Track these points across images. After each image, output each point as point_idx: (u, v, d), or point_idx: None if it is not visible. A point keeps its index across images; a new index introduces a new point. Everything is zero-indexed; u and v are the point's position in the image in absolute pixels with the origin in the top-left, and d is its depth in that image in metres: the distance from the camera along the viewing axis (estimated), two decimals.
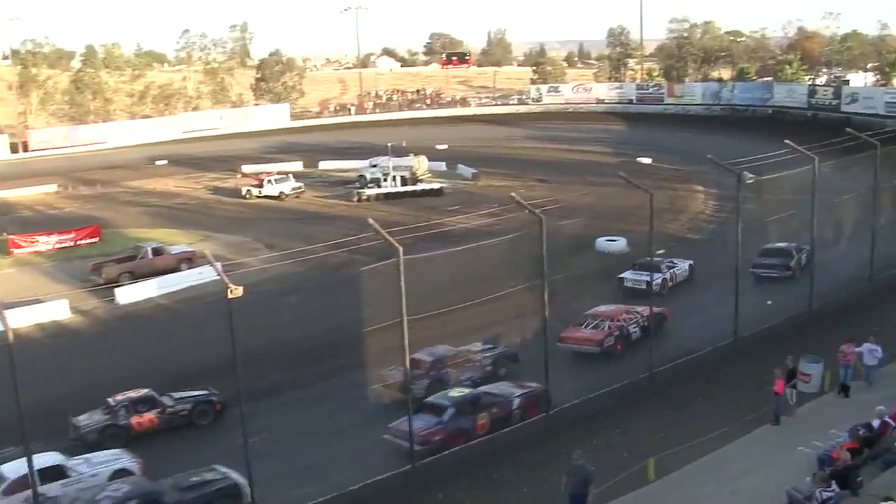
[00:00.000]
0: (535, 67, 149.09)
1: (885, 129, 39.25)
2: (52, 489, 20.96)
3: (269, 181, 67.61)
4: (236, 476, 20.70)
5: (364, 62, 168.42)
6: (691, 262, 38.63)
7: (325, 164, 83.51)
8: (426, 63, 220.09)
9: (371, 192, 65.06)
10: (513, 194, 25.80)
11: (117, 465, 22.74)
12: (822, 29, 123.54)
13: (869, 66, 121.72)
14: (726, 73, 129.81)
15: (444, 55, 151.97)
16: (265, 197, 66.55)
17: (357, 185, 68.04)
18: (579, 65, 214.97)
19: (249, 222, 58.30)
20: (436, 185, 66.41)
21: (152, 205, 67.53)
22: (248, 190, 68.02)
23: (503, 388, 25.66)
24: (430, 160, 72.31)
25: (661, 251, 37.15)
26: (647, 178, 50.41)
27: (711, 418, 23.25)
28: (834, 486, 16.63)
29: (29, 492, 19.18)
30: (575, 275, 35.68)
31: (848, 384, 24.12)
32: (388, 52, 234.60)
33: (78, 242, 52.55)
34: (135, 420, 25.90)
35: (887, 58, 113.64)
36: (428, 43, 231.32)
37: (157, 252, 45.86)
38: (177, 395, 27.13)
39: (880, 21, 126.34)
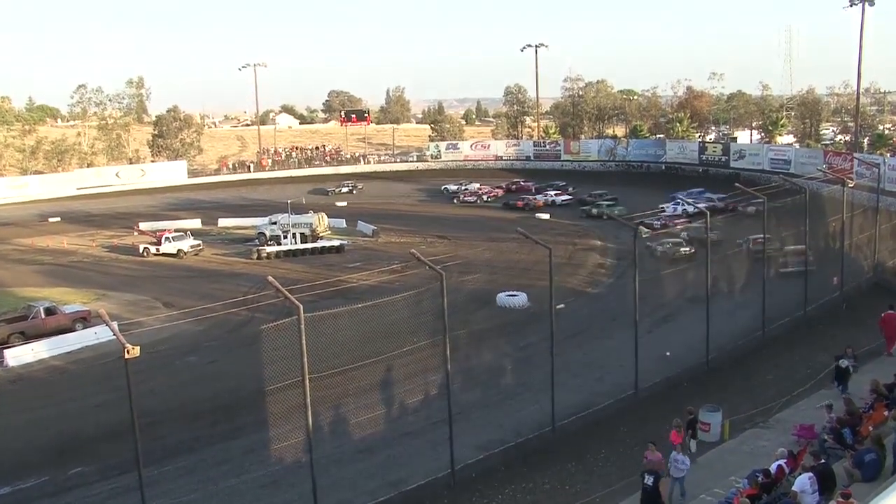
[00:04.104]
0: (433, 125, 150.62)
1: (771, 184, 40.63)
2: None
3: (167, 239, 66.52)
4: None
5: (263, 119, 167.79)
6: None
7: (224, 222, 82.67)
8: (325, 120, 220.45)
9: (271, 249, 64.55)
10: (413, 251, 25.76)
11: None
12: (708, 89, 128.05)
13: (754, 124, 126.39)
14: (620, 131, 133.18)
15: (342, 112, 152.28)
16: (163, 255, 65.38)
17: (257, 242, 67.51)
18: (477, 122, 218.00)
19: (147, 280, 57.05)
20: (336, 242, 66.14)
21: (45, 263, 65.63)
22: (146, 248, 66.75)
23: None
24: (329, 217, 72.09)
25: (561, 305, 37.52)
26: (545, 233, 51.56)
27: (613, 472, 23.41)
28: None
29: None
30: (477, 329, 35.84)
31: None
32: (286, 110, 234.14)
33: None
34: None
35: (770, 116, 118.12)
36: (327, 101, 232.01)
37: (50, 312, 44.29)
38: None
39: (761, 82, 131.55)
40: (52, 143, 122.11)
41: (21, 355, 39.92)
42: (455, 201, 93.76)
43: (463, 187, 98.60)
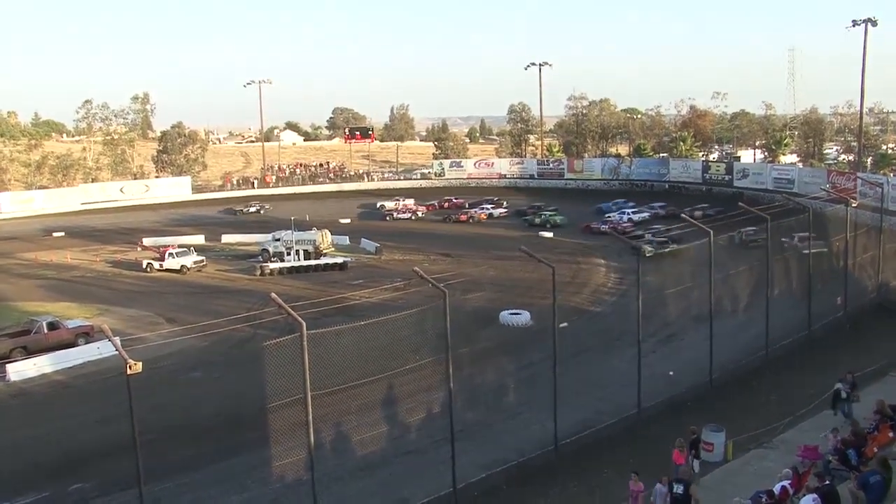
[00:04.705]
0: (437, 142, 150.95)
1: (775, 203, 40.64)
2: None
3: (171, 254, 66.59)
4: None
5: (267, 136, 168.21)
6: None
7: (227, 238, 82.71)
8: (329, 137, 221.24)
9: (274, 265, 64.56)
10: (416, 268, 25.71)
11: None
12: (712, 108, 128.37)
13: (758, 143, 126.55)
14: (623, 149, 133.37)
15: (347, 130, 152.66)
16: (166, 270, 65.42)
17: (260, 258, 67.50)
18: (481, 140, 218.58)
19: (150, 296, 57.03)
20: (339, 260, 66.10)
21: (48, 277, 65.68)
22: (149, 263, 66.80)
23: None
24: (333, 234, 72.11)
25: (565, 324, 37.43)
26: (549, 251, 51.40)
27: (616, 492, 23.25)
28: None
29: None
30: (479, 347, 35.75)
31: None
32: (291, 126, 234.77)
33: None
34: None
35: (774, 136, 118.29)
36: (331, 118, 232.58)
37: (53, 326, 44.22)
38: None
39: (765, 102, 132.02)
40: (58, 157, 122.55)
41: (23, 370, 39.83)
42: (388, 218, 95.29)
43: (399, 203, 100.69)
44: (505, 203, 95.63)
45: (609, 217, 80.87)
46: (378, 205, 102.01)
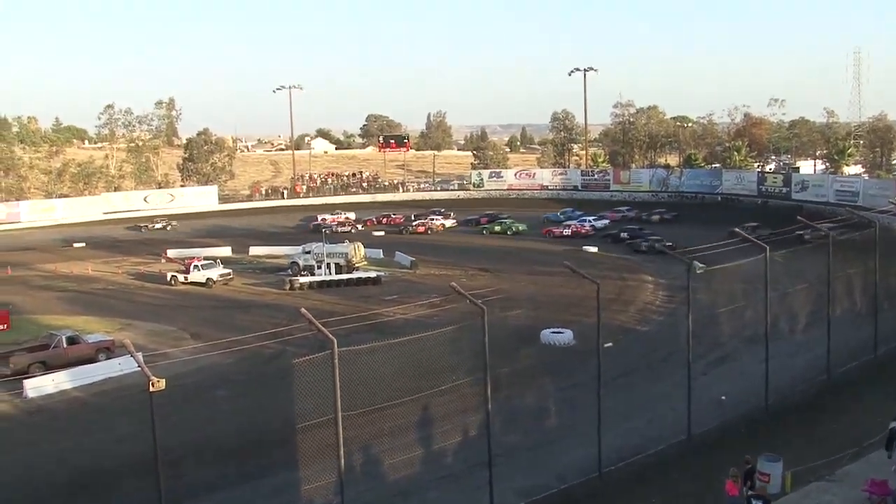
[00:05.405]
0: (476, 151, 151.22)
1: (836, 217, 40.14)
2: None
3: (196, 267, 67.13)
4: None
5: (298, 144, 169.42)
6: None
7: (255, 250, 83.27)
8: (363, 146, 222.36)
9: (304, 279, 64.87)
10: (453, 284, 25.66)
11: None
12: (768, 115, 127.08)
13: (818, 153, 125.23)
14: (673, 160, 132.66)
15: (381, 138, 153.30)
16: (191, 283, 65.97)
17: (289, 272, 67.81)
18: (522, 149, 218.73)
19: (174, 310, 57.52)
20: (372, 274, 66.34)
21: (68, 290, 66.47)
22: (174, 276, 67.38)
23: None
24: (366, 247, 72.34)
25: (609, 344, 37.20)
26: (593, 267, 51.26)
27: None
28: None
29: None
30: (519, 367, 35.61)
31: None
32: (322, 134, 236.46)
33: None
34: None
35: (836, 145, 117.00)
36: (364, 125, 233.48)
37: (73, 341, 44.72)
38: None
39: (826, 109, 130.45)
40: (79, 165, 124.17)
41: (41, 386, 40.23)
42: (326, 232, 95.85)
43: (340, 217, 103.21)
44: (452, 214, 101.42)
45: (569, 223, 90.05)
46: (320, 218, 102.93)
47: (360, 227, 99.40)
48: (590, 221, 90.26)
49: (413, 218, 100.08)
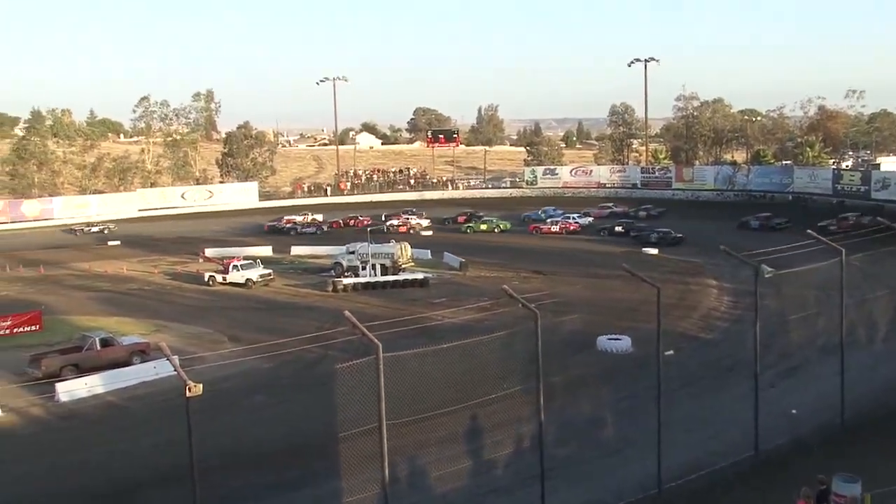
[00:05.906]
0: (529, 147, 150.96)
1: None
2: None
3: (235, 267, 67.56)
4: None
5: (342, 138, 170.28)
6: None
7: (297, 250, 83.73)
8: (410, 141, 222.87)
9: (348, 281, 65.00)
10: (505, 287, 25.55)
11: None
12: (845, 108, 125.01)
13: None
14: (740, 156, 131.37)
15: (429, 132, 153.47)
16: (230, 284, 66.41)
17: (332, 273, 68.04)
18: (578, 145, 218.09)
19: (212, 312, 57.93)
20: (419, 275, 66.34)
21: (102, 290, 67.20)
22: (212, 276, 67.90)
23: None
24: (413, 247, 72.40)
25: (671, 352, 36.92)
26: (653, 270, 50.89)
27: None
28: None
29: None
30: (574, 376, 35.43)
31: None
32: (368, 128, 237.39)
33: (15, 330, 52.01)
34: None
35: None
36: (412, 119, 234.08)
37: (106, 343, 45.14)
38: None
39: None
40: (114, 160, 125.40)
41: (74, 389, 40.56)
42: (292, 234, 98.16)
43: (308, 218, 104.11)
44: (424, 213, 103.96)
45: (556, 219, 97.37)
46: (284, 219, 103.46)
47: (325, 227, 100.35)
48: (574, 218, 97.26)
49: (384, 218, 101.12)
